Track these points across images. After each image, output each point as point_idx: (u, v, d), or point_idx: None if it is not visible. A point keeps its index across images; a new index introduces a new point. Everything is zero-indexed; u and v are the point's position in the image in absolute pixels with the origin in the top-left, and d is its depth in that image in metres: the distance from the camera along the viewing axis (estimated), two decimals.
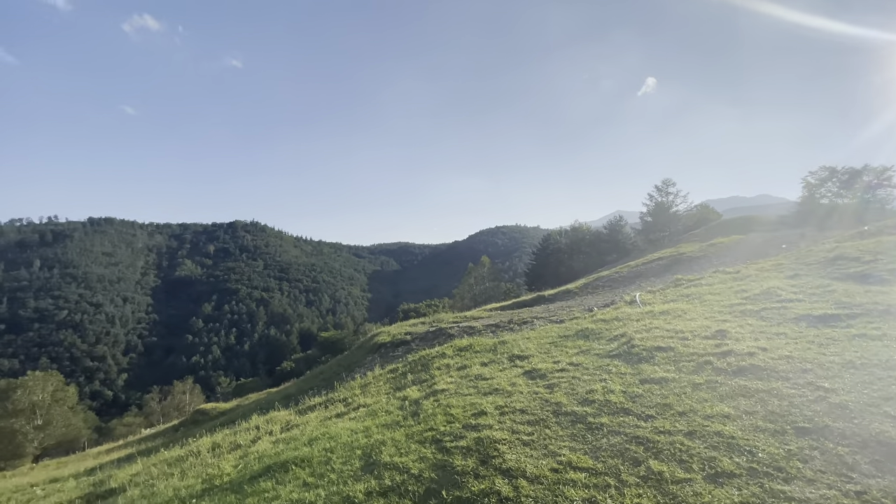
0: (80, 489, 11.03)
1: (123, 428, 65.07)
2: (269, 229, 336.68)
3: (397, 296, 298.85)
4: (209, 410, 26.60)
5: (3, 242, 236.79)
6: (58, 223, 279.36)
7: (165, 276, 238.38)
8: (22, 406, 45.52)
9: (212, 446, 10.02)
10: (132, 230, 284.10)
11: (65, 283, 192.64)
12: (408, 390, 10.19)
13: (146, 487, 8.06)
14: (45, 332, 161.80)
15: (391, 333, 19.77)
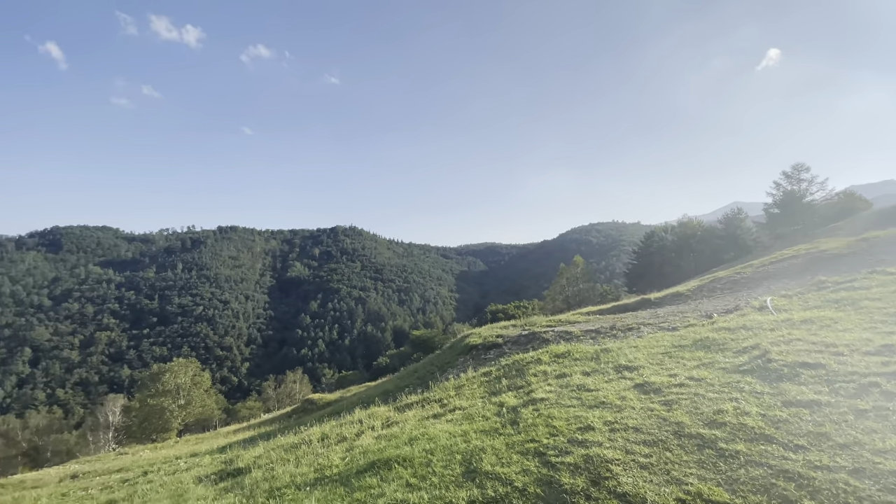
0: (214, 465, 12.72)
1: (246, 411, 74.56)
2: (365, 233, 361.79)
3: (484, 296, 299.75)
4: (317, 400, 29.17)
5: (155, 249, 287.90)
6: (194, 231, 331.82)
7: (279, 277, 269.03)
8: (169, 387, 54.53)
9: (321, 436, 10.85)
10: (252, 236, 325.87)
11: (200, 282, 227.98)
12: (504, 396, 9.98)
13: (267, 470, 8.98)
14: (186, 324, 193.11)
15: (482, 335, 19.68)
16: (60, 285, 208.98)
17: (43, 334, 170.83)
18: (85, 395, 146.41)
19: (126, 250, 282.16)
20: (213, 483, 9.73)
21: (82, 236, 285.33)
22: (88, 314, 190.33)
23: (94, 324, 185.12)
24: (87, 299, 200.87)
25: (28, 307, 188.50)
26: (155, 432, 51.31)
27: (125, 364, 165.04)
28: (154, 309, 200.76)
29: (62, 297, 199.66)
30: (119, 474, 17.65)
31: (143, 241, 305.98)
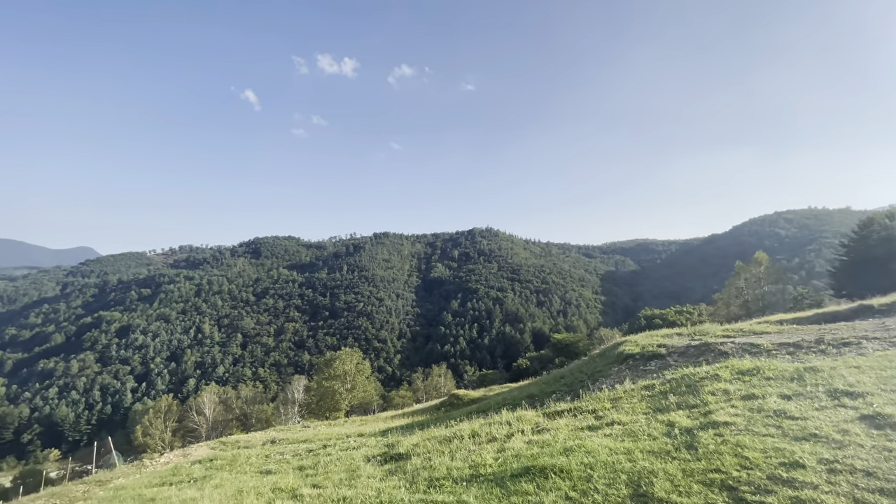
0: (378, 447, 14.26)
1: (399, 399, 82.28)
2: (501, 234, 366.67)
3: (636, 299, 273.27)
4: (461, 396, 30.52)
5: (326, 254, 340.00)
6: (355, 238, 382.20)
7: (424, 277, 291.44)
8: (338, 372, 63.39)
9: (471, 433, 11.23)
10: (401, 241, 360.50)
11: (361, 282, 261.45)
12: (673, 414, 8.83)
13: (425, 459, 9.65)
14: (350, 318, 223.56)
15: (639, 344, 17.89)
16: (260, 284, 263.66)
17: (249, 324, 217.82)
18: (278, 374, 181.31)
19: (305, 255, 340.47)
20: (378, 464, 10.90)
21: (274, 245, 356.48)
22: (280, 308, 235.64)
23: (284, 316, 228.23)
24: (279, 296, 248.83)
25: (239, 302, 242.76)
26: (328, 411, 60.47)
27: (306, 350, 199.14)
28: (326, 304, 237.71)
29: (262, 294, 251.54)
30: (305, 444, 21.21)
31: (317, 248, 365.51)
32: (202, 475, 15.19)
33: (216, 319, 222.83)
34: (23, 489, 57.35)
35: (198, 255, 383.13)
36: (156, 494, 12.29)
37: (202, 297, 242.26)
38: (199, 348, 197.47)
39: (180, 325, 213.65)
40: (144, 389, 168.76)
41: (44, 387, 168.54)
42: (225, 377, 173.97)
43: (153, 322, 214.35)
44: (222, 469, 15.99)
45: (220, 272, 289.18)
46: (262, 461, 16.81)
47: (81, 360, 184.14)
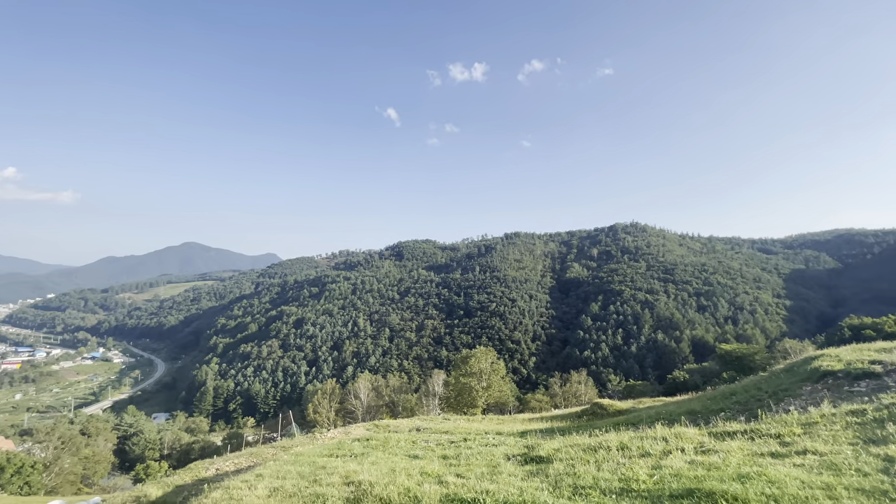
0: (517, 447, 14.30)
1: (536, 402, 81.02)
2: (649, 229, 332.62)
3: (836, 305, 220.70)
4: (606, 406, 28.63)
5: (459, 255, 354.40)
6: (487, 239, 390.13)
7: (558, 278, 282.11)
8: (474, 370, 65.29)
9: (620, 445, 10.47)
10: (532, 240, 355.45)
11: (493, 282, 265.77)
12: (893, 448, 6.90)
13: (568, 466, 9.35)
14: (483, 318, 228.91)
15: (843, 359, 14.39)
16: (403, 284, 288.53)
17: (395, 320, 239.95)
18: (419, 367, 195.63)
19: (441, 257, 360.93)
20: (518, 463, 10.94)
21: (414, 248, 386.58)
22: (420, 306, 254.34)
23: (424, 314, 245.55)
24: (419, 295, 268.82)
25: (386, 300, 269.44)
26: (465, 406, 62.87)
27: (443, 347, 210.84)
28: (461, 304, 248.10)
29: (405, 293, 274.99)
30: (446, 436, 22.44)
31: (451, 250, 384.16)
32: (360, 452, 17.32)
33: (368, 315, 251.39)
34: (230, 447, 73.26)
35: (353, 258, 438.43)
36: (326, 463, 14.45)
37: (357, 295, 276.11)
38: (355, 340, 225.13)
39: (340, 319, 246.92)
40: (314, 373, 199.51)
41: (244, 366, 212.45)
42: (376, 367, 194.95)
43: (320, 316, 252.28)
44: (377, 449, 17.98)
45: (370, 273, 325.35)
46: (409, 446, 18.37)
47: (269, 346, 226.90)
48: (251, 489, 10.72)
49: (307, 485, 10.28)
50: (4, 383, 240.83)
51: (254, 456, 24.73)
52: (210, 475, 19.80)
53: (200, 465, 23.44)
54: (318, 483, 10.36)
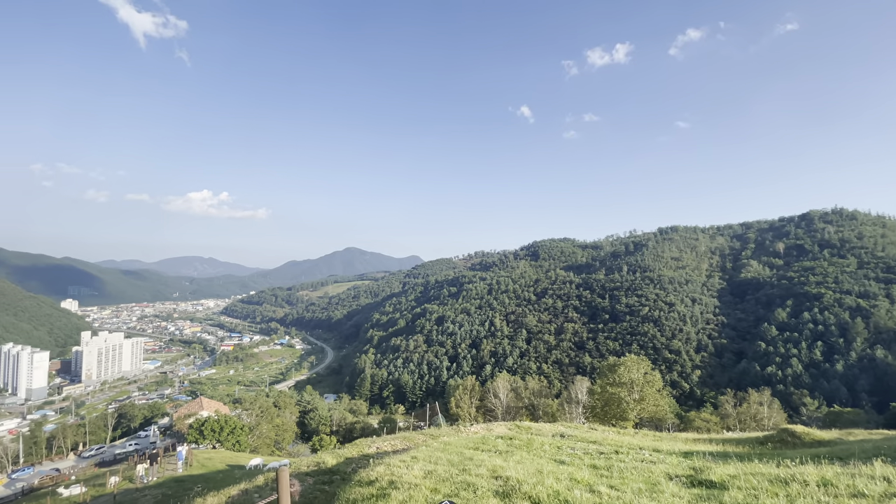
0: (681, 468, 12.85)
1: (701, 422, 71.29)
2: (861, 215, 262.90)
3: None
4: (800, 434, 23.70)
5: (603, 254, 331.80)
6: (636, 235, 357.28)
7: (730, 279, 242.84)
8: (623, 380, 60.45)
9: (821, 481, 8.62)
10: (694, 235, 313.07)
11: (644, 284, 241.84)
12: None
13: (749, 496, 8.07)
14: (633, 323, 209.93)
15: None
16: (540, 285, 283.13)
17: (532, 321, 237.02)
18: (560, 372, 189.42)
19: (581, 256, 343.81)
20: (684, 485, 9.86)
21: (551, 247, 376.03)
22: (558, 308, 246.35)
23: (563, 316, 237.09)
24: (557, 296, 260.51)
25: (522, 300, 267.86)
26: (613, 418, 58.68)
27: (586, 352, 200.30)
28: (606, 307, 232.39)
29: (541, 294, 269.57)
30: (594, 445, 21.36)
31: (593, 248, 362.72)
32: (504, 449, 17.69)
33: (504, 315, 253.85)
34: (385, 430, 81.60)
35: (488, 259, 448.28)
36: (472, 455, 15.16)
37: (493, 295, 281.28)
38: (492, 339, 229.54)
39: (478, 318, 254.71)
40: (455, 369, 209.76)
41: (395, 358, 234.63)
42: (514, 368, 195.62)
43: (459, 314, 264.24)
44: (520, 449, 18.13)
45: (505, 273, 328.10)
46: (554, 451, 18.04)
47: (415, 341, 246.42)
48: (408, 469, 11.87)
49: (457, 472, 10.95)
50: (223, 361, 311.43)
51: (406, 440, 27.21)
52: (372, 452, 22.50)
53: (364, 443, 26.77)
54: (467, 472, 10.95)
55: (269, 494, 13.31)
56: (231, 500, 13.88)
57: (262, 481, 17.26)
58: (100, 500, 33.72)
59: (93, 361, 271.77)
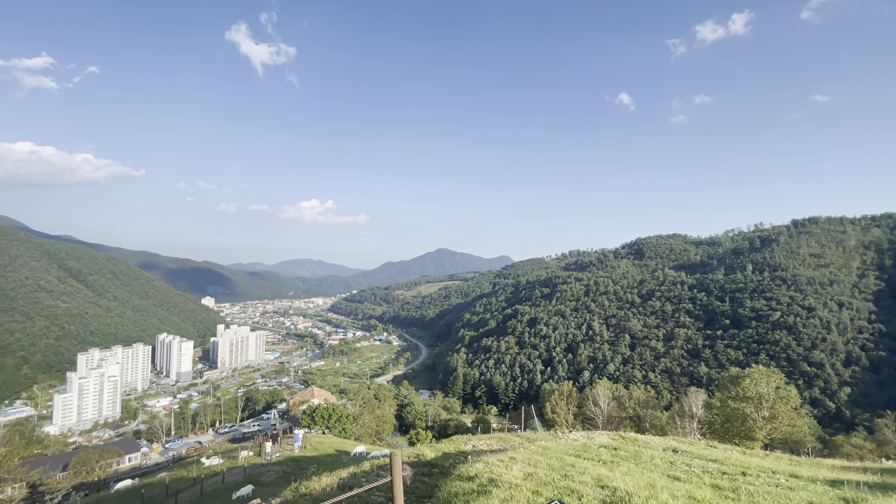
0: (826, 496, 11.08)
1: (851, 448, 60.76)
2: None
3: None
4: None
5: (721, 251, 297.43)
6: (762, 229, 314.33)
7: (889, 278, 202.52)
8: (749, 394, 53.54)
9: None
10: (840, 227, 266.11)
11: (774, 285, 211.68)
12: None
13: None
14: (761, 330, 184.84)
15: None
16: (645, 286, 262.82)
17: (636, 325, 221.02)
18: (670, 382, 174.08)
19: (694, 254, 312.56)
20: None
21: (658, 245, 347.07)
22: (668, 311, 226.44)
23: (673, 320, 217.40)
24: (666, 299, 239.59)
25: (625, 303, 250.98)
26: (736, 436, 52.26)
27: (701, 361, 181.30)
28: (725, 311, 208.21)
29: (647, 296, 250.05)
30: (715, 464, 19.29)
31: (709, 245, 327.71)
32: (609, 459, 16.77)
33: (604, 318, 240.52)
34: (479, 429, 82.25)
35: (584, 258, 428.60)
36: (574, 462, 14.64)
37: (590, 297, 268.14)
38: (591, 344, 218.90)
39: (573, 321, 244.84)
40: (549, 373, 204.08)
41: (486, 358, 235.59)
42: (616, 375, 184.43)
43: (552, 316, 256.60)
44: (626, 460, 17.04)
45: (605, 274, 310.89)
46: (666, 466, 16.68)
47: (506, 342, 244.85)
48: (507, 469, 11.88)
49: (559, 477, 10.68)
50: (330, 354, 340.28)
51: (502, 441, 27.18)
52: (469, 449, 22.87)
53: (460, 440, 27.32)
54: (569, 478, 10.62)
55: (375, 479, 14.27)
56: (342, 481, 15.11)
57: (369, 467, 18.51)
58: (233, 472, 38.91)
59: (226, 351, 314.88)
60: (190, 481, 38.99)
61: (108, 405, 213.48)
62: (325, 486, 15.20)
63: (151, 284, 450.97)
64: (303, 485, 15.82)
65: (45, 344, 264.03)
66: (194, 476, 41.57)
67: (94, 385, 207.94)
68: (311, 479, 16.40)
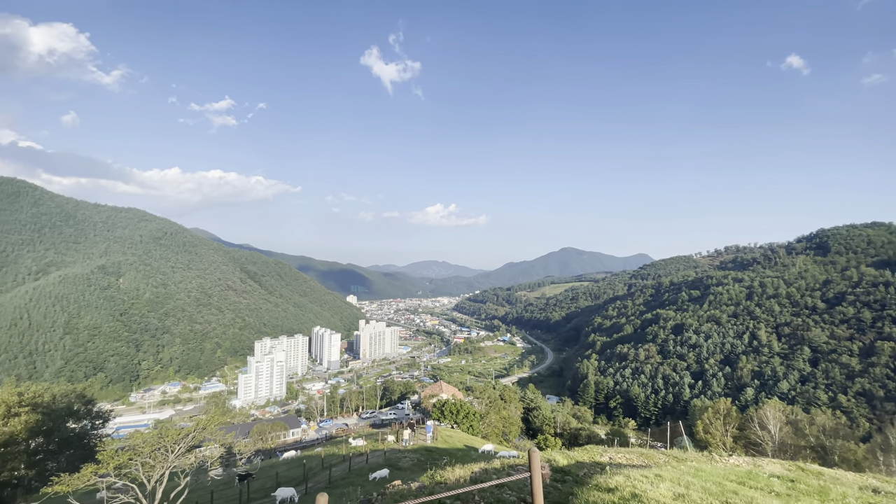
0: None
1: None
2: None
3: None
4: None
5: None
6: None
7: None
8: None
9: None
10: None
11: None
12: None
13: None
14: None
15: None
16: (831, 288, 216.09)
17: (820, 336, 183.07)
18: (869, 408, 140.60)
19: None
20: None
21: (849, 236, 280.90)
22: (866, 320, 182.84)
23: (874, 331, 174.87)
24: (863, 304, 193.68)
25: (802, 308, 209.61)
26: None
27: None
28: None
29: (835, 300, 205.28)
30: None
31: None
32: (783, 491, 14.21)
33: (773, 327, 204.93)
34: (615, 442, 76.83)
35: (745, 254, 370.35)
36: (736, 489, 12.75)
37: (754, 301, 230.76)
38: (755, 356, 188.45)
39: (732, 329, 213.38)
40: (700, 387, 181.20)
41: (621, 367, 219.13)
42: (790, 395, 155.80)
43: (704, 323, 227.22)
44: (808, 495, 14.23)
45: (773, 273, 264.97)
46: None
47: (646, 350, 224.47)
48: (653, 485, 10.88)
49: None
50: (455, 352, 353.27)
51: (643, 456, 24.99)
52: (605, 461, 21.53)
53: (594, 450, 25.90)
54: None
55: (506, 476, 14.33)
56: (474, 475, 15.52)
57: (499, 465, 18.69)
58: (374, 454, 42.86)
59: (366, 343, 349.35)
60: (340, 458, 44.07)
61: (277, 386, 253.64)
62: (459, 477, 15.78)
63: (308, 284, 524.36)
64: (438, 473, 16.67)
65: (232, 332, 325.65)
66: (343, 454, 46.91)
67: (266, 368, 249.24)
68: (444, 469, 17.19)
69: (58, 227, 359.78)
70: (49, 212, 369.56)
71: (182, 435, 21.30)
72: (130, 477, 20.25)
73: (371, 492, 17.61)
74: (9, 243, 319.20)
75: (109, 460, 19.59)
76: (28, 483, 49.14)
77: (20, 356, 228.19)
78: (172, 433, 21.48)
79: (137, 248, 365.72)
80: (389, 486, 16.94)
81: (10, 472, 45.31)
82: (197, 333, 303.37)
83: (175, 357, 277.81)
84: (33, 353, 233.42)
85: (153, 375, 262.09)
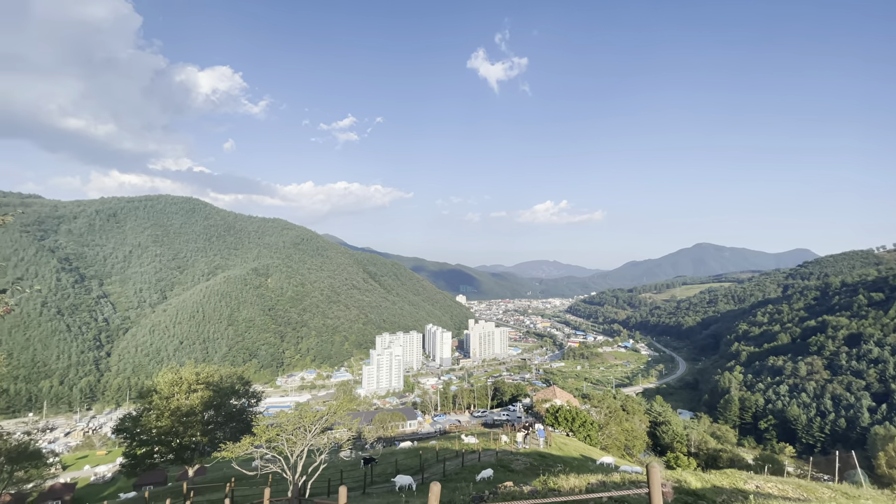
0: None
1: None
2: None
3: None
4: None
5: None
6: None
7: None
8: None
9: None
10: None
11: None
12: None
13: None
14: None
15: None
16: None
17: None
18: None
19: None
20: None
21: None
22: None
23: None
24: None
25: None
26: None
27: None
28: None
29: None
30: None
31: None
32: None
33: None
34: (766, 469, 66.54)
35: None
36: None
37: None
38: None
39: None
40: (884, 412, 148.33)
41: (774, 382, 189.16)
42: None
43: (890, 333, 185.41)
44: None
45: None
46: None
47: (809, 364, 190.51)
48: None
49: None
50: (570, 356, 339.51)
51: (801, 489, 21.30)
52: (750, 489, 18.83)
53: (737, 475, 22.82)
54: None
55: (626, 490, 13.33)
56: (590, 486, 14.77)
57: (619, 479, 17.51)
58: (487, 453, 43.29)
59: (476, 343, 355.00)
60: (453, 453, 45.43)
61: (395, 378, 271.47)
62: (574, 486, 15.16)
63: (420, 284, 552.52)
64: (551, 479, 16.23)
65: (357, 327, 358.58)
66: (456, 449, 48.28)
67: (386, 361, 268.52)
68: (558, 476, 16.67)
69: (222, 237, 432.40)
70: (216, 224, 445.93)
71: (317, 417, 23.94)
72: (278, 450, 23.45)
73: (483, 489, 17.82)
74: (189, 251, 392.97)
75: (262, 434, 23.18)
76: (203, 448, 59.96)
77: (197, 342, 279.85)
78: (310, 415, 24.27)
79: (281, 252, 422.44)
80: (501, 486, 16.95)
81: (190, 437, 55.83)
82: (328, 327, 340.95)
83: (311, 347, 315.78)
84: (206, 340, 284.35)
85: (294, 363, 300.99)
